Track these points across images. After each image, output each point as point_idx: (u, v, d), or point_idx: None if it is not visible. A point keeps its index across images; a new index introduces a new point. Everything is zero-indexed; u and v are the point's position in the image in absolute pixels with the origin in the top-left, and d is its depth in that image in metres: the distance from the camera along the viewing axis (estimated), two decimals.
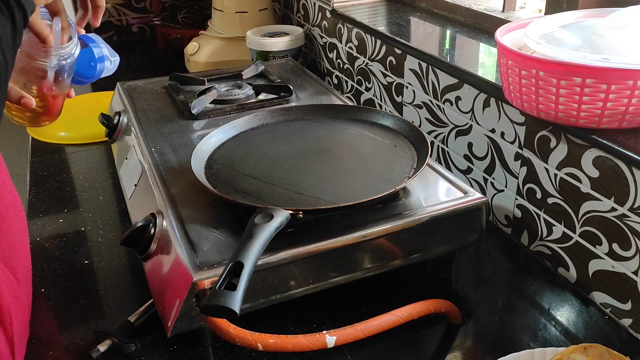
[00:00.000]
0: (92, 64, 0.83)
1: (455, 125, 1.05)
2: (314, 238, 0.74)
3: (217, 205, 0.82)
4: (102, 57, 0.84)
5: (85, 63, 0.83)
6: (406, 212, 0.80)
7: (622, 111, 0.70)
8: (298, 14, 1.74)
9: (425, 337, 0.78)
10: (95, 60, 0.83)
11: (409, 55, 1.15)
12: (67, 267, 0.90)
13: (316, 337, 0.67)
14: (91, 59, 0.83)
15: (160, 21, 2.05)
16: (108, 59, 0.85)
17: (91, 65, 0.83)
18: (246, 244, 0.65)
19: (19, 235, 0.77)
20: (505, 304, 0.84)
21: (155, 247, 0.78)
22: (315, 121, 1.03)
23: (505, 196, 0.95)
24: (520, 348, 0.70)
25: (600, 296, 0.80)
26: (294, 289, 0.75)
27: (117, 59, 0.87)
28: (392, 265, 0.80)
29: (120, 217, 1.02)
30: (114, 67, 0.86)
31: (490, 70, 0.99)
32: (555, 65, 0.71)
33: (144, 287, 0.83)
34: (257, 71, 1.32)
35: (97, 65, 0.83)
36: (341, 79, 1.50)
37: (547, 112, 0.75)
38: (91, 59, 0.83)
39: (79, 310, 0.82)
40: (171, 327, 0.70)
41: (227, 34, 1.71)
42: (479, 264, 0.92)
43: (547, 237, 0.88)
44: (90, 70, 0.84)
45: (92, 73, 0.84)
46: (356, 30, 1.36)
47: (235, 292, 0.60)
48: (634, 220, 0.72)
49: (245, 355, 0.74)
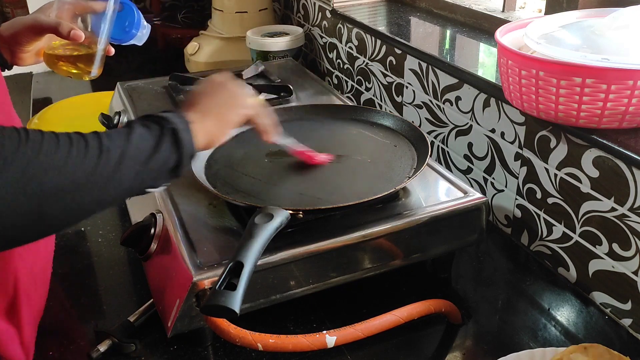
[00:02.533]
0: (127, 29, 0.87)
1: (455, 125, 1.05)
2: (314, 238, 0.74)
3: (217, 205, 0.82)
4: (139, 22, 0.87)
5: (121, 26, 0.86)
6: (406, 212, 0.80)
7: (622, 111, 0.70)
8: (298, 14, 1.74)
9: (425, 337, 0.78)
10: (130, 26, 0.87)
11: (409, 55, 1.15)
12: (67, 267, 0.90)
13: (316, 337, 0.67)
14: (126, 24, 0.86)
15: (160, 21, 2.05)
16: (143, 27, 0.88)
17: (125, 30, 0.87)
18: (246, 244, 0.65)
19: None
20: (505, 304, 0.84)
21: (155, 247, 0.78)
22: (315, 121, 1.03)
23: (505, 196, 0.95)
24: (520, 348, 0.70)
25: (600, 296, 0.80)
26: (294, 289, 0.75)
27: (149, 28, 0.90)
28: (392, 265, 0.80)
29: (120, 217, 1.02)
30: (145, 36, 0.89)
31: (490, 70, 0.99)
32: (555, 65, 0.71)
33: (144, 287, 0.83)
34: (257, 71, 1.32)
35: (131, 31, 0.87)
36: (341, 79, 1.50)
37: (547, 112, 0.75)
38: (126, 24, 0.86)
39: (79, 310, 0.82)
40: (171, 327, 0.70)
41: (227, 34, 1.71)
42: (479, 264, 0.92)
43: (547, 237, 0.88)
44: (125, 34, 0.87)
45: (126, 37, 0.88)
46: (356, 30, 1.36)
47: (235, 292, 0.60)
48: (634, 220, 0.72)
49: (245, 355, 0.74)
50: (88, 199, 0.54)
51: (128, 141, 0.57)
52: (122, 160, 0.56)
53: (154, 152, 0.59)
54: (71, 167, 0.52)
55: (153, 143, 0.59)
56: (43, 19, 0.78)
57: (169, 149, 0.60)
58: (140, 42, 0.89)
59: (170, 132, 0.61)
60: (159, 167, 0.60)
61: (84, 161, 0.53)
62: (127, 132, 0.59)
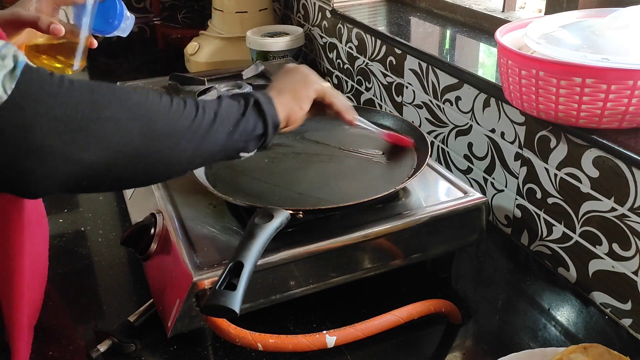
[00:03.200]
0: (110, 21, 0.87)
1: (455, 125, 1.05)
2: (314, 238, 0.74)
3: (217, 205, 0.82)
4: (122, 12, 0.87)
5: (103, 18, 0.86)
6: (406, 212, 0.80)
7: (622, 111, 0.70)
8: (298, 14, 1.74)
9: (425, 337, 0.78)
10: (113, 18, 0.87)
11: (409, 55, 1.15)
12: (67, 267, 0.90)
13: (316, 337, 0.67)
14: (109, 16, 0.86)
15: (160, 21, 2.06)
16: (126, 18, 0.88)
17: (109, 21, 0.87)
18: (246, 244, 0.65)
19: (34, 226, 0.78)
20: (505, 304, 0.84)
21: (155, 247, 0.78)
22: (315, 121, 1.02)
23: (505, 196, 0.95)
24: (520, 348, 0.70)
25: (600, 296, 0.80)
26: (294, 289, 0.75)
27: (133, 19, 0.90)
28: (392, 265, 0.80)
29: (120, 217, 1.02)
30: (129, 27, 0.89)
31: (490, 70, 0.99)
32: (555, 65, 0.71)
33: (144, 287, 0.83)
34: (257, 71, 1.32)
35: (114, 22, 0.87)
36: (341, 79, 1.50)
37: (547, 112, 0.75)
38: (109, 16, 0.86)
39: (79, 310, 0.82)
40: (171, 327, 0.70)
41: (227, 34, 1.71)
42: (479, 264, 0.92)
43: (547, 237, 0.88)
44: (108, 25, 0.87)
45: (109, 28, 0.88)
46: (356, 30, 1.36)
47: (235, 292, 0.60)
48: (634, 220, 0.72)
49: (245, 355, 0.74)
50: (190, 148, 0.62)
51: (219, 106, 0.65)
52: (216, 119, 0.63)
53: (242, 117, 0.66)
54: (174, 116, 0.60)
55: (241, 110, 0.67)
56: (22, 13, 0.76)
57: (255, 116, 0.68)
58: (125, 33, 0.89)
59: (254, 102, 0.68)
60: (248, 132, 0.67)
61: (183, 114, 0.61)
62: (217, 102, 0.66)
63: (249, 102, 0.68)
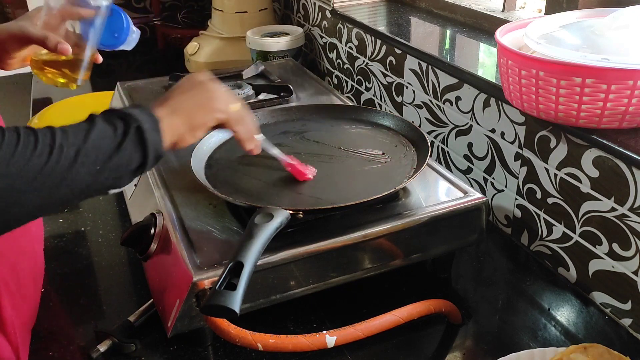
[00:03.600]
0: (116, 35, 0.86)
1: (455, 125, 1.05)
2: (314, 238, 0.74)
3: (217, 205, 0.82)
4: (128, 27, 0.87)
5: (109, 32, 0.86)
6: (406, 212, 0.80)
7: (622, 111, 0.70)
8: (298, 14, 1.74)
9: (425, 337, 0.78)
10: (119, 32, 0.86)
11: (409, 55, 1.15)
12: (67, 267, 0.90)
13: (316, 337, 0.67)
14: (115, 30, 0.86)
15: (160, 21, 2.05)
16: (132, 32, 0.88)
17: (114, 36, 0.86)
18: (246, 244, 0.65)
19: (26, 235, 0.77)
20: (505, 304, 0.84)
21: (155, 247, 0.78)
22: (315, 121, 1.03)
23: (505, 196, 0.95)
24: (520, 348, 0.70)
25: (600, 296, 0.80)
26: (294, 289, 0.75)
27: (138, 33, 0.89)
28: (392, 265, 0.80)
29: (120, 217, 1.02)
30: (135, 41, 0.89)
31: (490, 70, 0.99)
32: (555, 65, 0.71)
33: (144, 287, 0.83)
34: (257, 71, 1.32)
35: (120, 37, 0.87)
36: (341, 79, 1.50)
37: (547, 112, 0.75)
38: (115, 30, 0.86)
39: (79, 310, 0.82)
40: (171, 327, 0.70)
41: (227, 34, 1.71)
42: (479, 264, 0.92)
43: (547, 237, 0.88)
44: (114, 40, 0.87)
45: (115, 43, 0.87)
46: (356, 30, 1.36)
47: (235, 292, 0.60)
48: (634, 220, 0.72)
49: (245, 355, 0.74)
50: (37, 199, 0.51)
51: (86, 139, 0.54)
52: (77, 158, 0.53)
53: (116, 152, 0.55)
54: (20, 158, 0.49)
55: (116, 141, 0.56)
56: (30, 31, 0.75)
57: (133, 148, 0.57)
58: (130, 47, 0.89)
59: (135, 131, 0.57)
60: (121, 168, 0.56)
61: (31, 159, 0.50)
62: (86, 129, 0.55)
63: (129, 129, 0.57)
